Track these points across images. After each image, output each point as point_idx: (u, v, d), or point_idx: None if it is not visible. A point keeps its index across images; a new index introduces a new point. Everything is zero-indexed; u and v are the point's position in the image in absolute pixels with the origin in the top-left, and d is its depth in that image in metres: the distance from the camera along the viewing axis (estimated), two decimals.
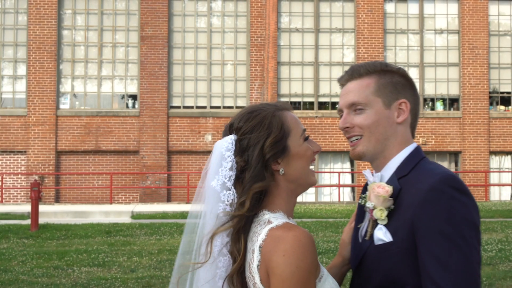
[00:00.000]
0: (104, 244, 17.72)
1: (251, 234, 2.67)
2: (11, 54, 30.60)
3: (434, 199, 2.59)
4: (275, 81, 30.64)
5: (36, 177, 28.71)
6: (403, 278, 2.64)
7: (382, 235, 2.70)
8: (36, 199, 20.40)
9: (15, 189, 30.02)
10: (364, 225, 2.84)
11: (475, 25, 31.36)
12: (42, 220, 21.83)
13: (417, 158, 2.83)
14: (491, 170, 31.36)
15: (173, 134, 30.21)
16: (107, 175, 30.09)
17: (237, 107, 30.31)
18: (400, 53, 31.39)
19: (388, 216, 2.70)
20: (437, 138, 31.07)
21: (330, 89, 31.08)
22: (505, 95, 31.92)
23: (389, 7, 31.48)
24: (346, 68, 29.36)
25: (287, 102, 2.94)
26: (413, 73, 31.28)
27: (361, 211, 2.90)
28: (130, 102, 31.02)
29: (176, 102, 30.86)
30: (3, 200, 29.62)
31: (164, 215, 23.94)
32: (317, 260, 2.59)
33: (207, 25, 31.08)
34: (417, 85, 31.20)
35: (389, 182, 2.75)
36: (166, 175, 30.11)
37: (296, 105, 31.01)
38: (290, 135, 2.77)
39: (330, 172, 30.63)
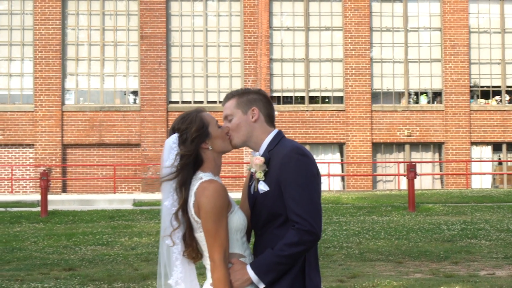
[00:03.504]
0: (107, 227, 19.47)
1: (191, 186, 4.50)
2: (19, 53, 32.13)
3: (287, 162, 4.45)
4: (268, 77, 32.25)
5: (44, 169, 30.25)
6: (279, 211, 4.49)
7: (263, 187, 4.54)
8: (45, 188, 22.17)
9: (24, 180, 31.63)
10: (253, 183, 4.69)
11: (456, 23, 32.92)
12: (50, 207, 23.36)
13: (278, 138, 4.65)
14: (472, 159, 32.95)
15: None
16: (111, 166, 31.63)
17: None
18: (385, 50, 32.94)
19: (265, 175, 4.56)
20: (421, 130, 32.67)
21: (320, 84, 32.66)
22: (485, 89, 33.55)
23: (375, 7, 33.02)
24: (335, 64, 31.12)
25: (203, 106, 4.80)
26: (398, 69, 32.91)
27: (251, 175, 4.73)
28: (131, 97, 32.63)
29: (174, 97, 32.49)
30: (13, 191, 31.25)
31: None
32: (229, 200, 4.42)
33: (203, 25, 32.61)
34: (402, 80, 32.90)
35: (263, 155, 4.60)
36: None
37: (288, 100, 32.63)
38: (209, 125, 4.57)
39: (320, 163, 32.06)
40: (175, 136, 4.55)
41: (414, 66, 33.08)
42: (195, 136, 4.50)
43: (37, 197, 27.11)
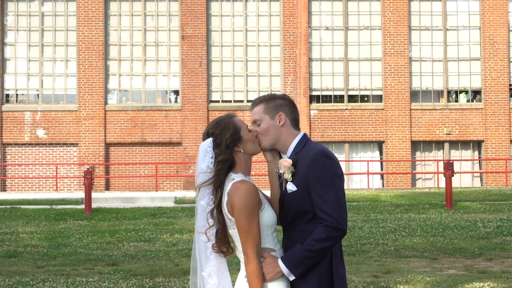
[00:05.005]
0: (149, 224, 19.89)
1: (224, 186, 4.87)
2: (63, 54, 32.76)
3: (313, 164, 4.82)
4: (307, 76, 32.54)
5: (88, 167, 30.81)
6: (306, 209, 4.86)
7: (291, 187, 4.93)
8: (89, 186, 22.69)
9: (69, 178, 32.27)
10: (281, 182, 5.04)
11: (495, 22, 32.92)
12: (94, 205, 24.02)
13: (304, 141, 5.02)
14: None
15: None
16: (153, 165, 32.11)
17: None
18: (424, 48, 33.06)
19: (292, 176, 4.93)
20: (460, 128, 32.76)
21: (359, 83, 32.89)
22: None
23: (414, 6, 33.16)
24: (374, 63, 31.28)
25: (234, 113, 5.18)
26: (438, 67, 33.02)
27: (279, 175, 5.10)
28: (173, 97, 33.11)
29: (215, 96, 32.92)
30: (58, 189, 31.91)
31: None
32: (260, 199, 4.79)
33: (243, 25, 32.99)
34: (441, 78, 32.99)
35: (290, 157, 4.97)
36: None
37: (327, 98, 32.90)
38: (241, 130, 4.94)
39: (360, 161, 32.40)
40: (209, 140, 4.92)
41: (453, 65, 33.15)
42: (230, 142, 4.87)
43: (81, 194, 27.68)
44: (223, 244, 4.89)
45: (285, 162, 4.95)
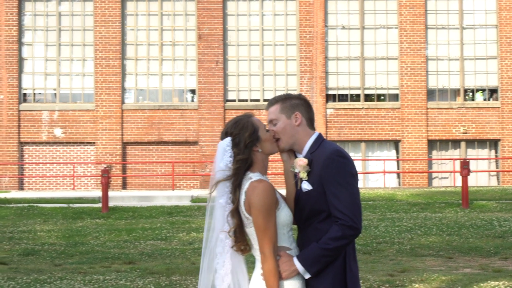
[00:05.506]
0: (166, 223, 19.98)
1: (242, 186, 4.94)
2: (80, 54, 32.94)
3: (329, 163, 4.88)
4: (324, 75, 32.56)
5: (105, 166, 30.95)
6: (321, 208, 4.92)
7: (306, 186, 4.98)
8: (106, 184, 22.84)
9: (86, 177, 32.43)
10: (296, 181, 5.10)
11: None
12: (111, 203, 24.11)
13: (319, 141, 5.07)
14: None
15: None
16: (169, 163, 32.24)
17: None
18: (441, 47, 32.98)
19: (308, 175, 4.98)
20: (477, 127, 32.68)
21: (376, 82, 32.86)
22: None
23: (430, 4, 33.08)
24: (390, 62, 31.24)
25: (251, 112, 5.21)
26: (454, 66, 32.96)
27: (295, 174, 5.16)
28: (189, 96, 33.21)
29: (231, 96, 32.99)
30: (75, 187, 32.09)
31: None
32: (276, 198, 4.85)
33: (259, 24, 33.03)
34: (458, 77, 32.93)
35: (305, 157, 5.03)
36: None
37: (343, 97, 32.92)
38: (259, 129, 5.00)
39: (376, 160, 32.39)
40: (228, 139, 4.98)
41: (470, 63, 33.07)
42: (249, 142, 4.94)
43: (98, 193, 27.80)
44: (240, 242, 4.95)
45: (301, 162, 5.00)
